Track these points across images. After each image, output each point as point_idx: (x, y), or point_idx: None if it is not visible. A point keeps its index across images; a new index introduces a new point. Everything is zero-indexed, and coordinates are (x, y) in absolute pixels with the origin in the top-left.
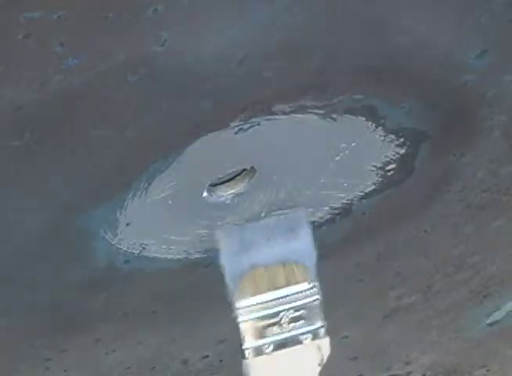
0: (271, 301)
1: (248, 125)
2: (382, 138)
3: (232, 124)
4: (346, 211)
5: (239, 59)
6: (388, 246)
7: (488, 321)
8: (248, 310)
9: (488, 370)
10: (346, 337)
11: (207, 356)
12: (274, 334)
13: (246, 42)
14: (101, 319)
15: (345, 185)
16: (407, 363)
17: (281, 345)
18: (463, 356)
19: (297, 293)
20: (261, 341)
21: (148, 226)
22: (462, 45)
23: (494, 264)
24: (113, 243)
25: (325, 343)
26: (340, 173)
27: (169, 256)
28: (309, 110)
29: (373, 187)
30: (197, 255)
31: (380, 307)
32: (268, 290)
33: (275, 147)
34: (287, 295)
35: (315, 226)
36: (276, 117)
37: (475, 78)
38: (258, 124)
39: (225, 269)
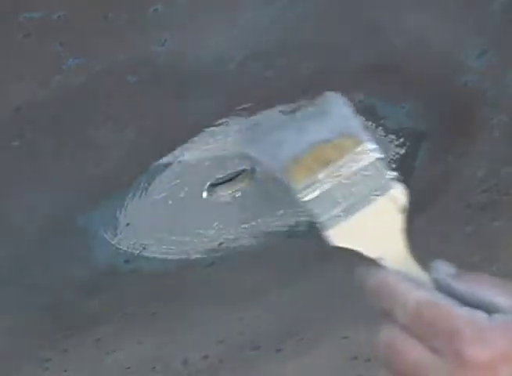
0: (329, 174)
1: (248, 125)
2: (382, 138)
3: (232, 124)
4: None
5: (239, 59)
6: None
7: None
8: (313, 188)
9: None
10: (346, 337)
11: (207, 356)
12: (345, 199)
13: (247, 42)
14: (101, 319)
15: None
16: None
17: (354, 208)
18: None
19: (353, 158)
20: (334, 211)
21: (148, 226)
22: (462, 45)
23: (494, 264)
24: (113, 243)
25: (397, 191)
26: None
27: (169, 256)
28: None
29: None
30: (197, 255)
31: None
32: (324, 167)
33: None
34: (344, 164)
35: (316, 226)
36: (276, 117)
37: (475, 78)
38: (258, 124)
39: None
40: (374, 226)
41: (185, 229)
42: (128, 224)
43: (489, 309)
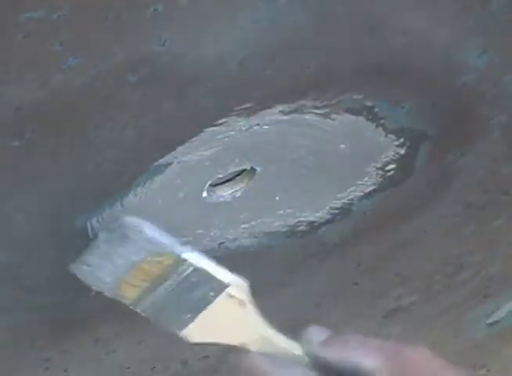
0: (157, 286)
1: (248, 125)
2: (382, 138)
3: (232, 124)
4: (346, 211)
5: (240, 59)
6: (388, 246)
7: (488, 321)
8: (147, 300)
9: (488, 370)
10: None
11: (207, 356)
12: (184, 304)
13: (247, 42)
14: (101, 319)
15: (345, 185)
16: None
17: (198, 309)
18: (463, 356)
19: (172, 270)
20: (179, 315)
21: None
22: (462, 45)
23: (494, 264)
24: None
25: (233, 289)
26: (340, 173)
27: None
28: (309, 110)
29: (374, 187)
30: None
31: (380, 307)
32: (148, 282)
33: (275, 147)
34: (167, 276)
35: (315, 226)
36: (276, 117)
37: (475, 78)
38: (258, 124)
39: None
40: (224, 320)
41: (185, 229)
42: None
43: (361, 373)
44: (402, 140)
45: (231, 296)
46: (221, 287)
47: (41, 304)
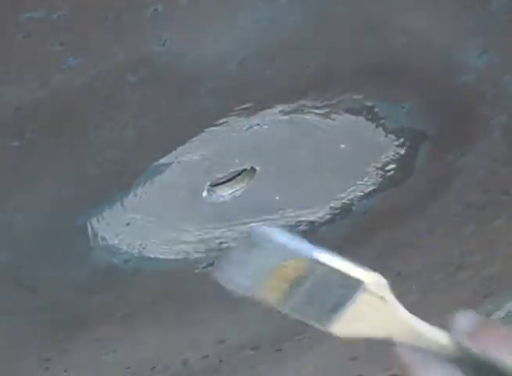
0: (298, 288)
1: (248, 125)
2: (382, 138)
3: (232, 125)
4: (346, 211)
5: (240, 59)
6: (388, 246)
7: None
8: (292, 300)
9: None
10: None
11: (207, 356)
12: (326, 303)
13: (247, 42)
14: (101, 319)
15: (345, 185)
16: None
17: (339, 307)
18: None
19: (309, 272)
20: (322, 312)
21: (148, 226)
22: (462, 45)
23: (494, 264)
24: (113, 243)
25: (370, 286)
26: (340, 173)
27: (169, 256)
28: (309, 110)
29: (374, 187)
30: (197, 255)
31: None
32: (289, 284)
33: (275, 147)
34: (306, 277)
35: (315, 226)
36: (276, 117)
37: (475, 78)
38: (258, 124)
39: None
40: (367, 315)
41: (185, 228)
42: (128, 224)
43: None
44: (402, 140)
45: (369, 293)
46: (357, 284)
47: (41, 304)
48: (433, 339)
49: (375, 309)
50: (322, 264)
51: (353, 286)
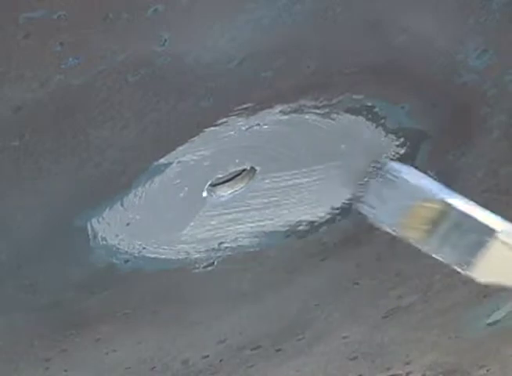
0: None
1: (248, 125)
2: (382, 138)
3: (232, 124)
4: (346, 211)
5: (239, 59)
6: (388, 246)
7: (488, 321)
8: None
9: (488, 370)
10: (346, 337)
11: (207, 356)
12: (462, 247)
13: (246, 42)
14: (101, 319)
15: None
16: (407, 363)
17: (475, 253)
18: (463, 356)
19: (444, 217)
20: (462, 256)
21: (148, 226)
22: (462, 45)
23: None
24: (113, 243)
25: (503, 235)
26: (340, 173)
27: (169, 256)
28: (309, 110)
29: None
30: (197, 255)
31: (380, 307)
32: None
33: (275, 147)
34: (442, 223)
35: (315, 226)
36: (276, 117)
37: (475, 78)
38: (258, 124)
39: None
40: (502, 263)
41: (185, 228)
42: (128, 224)
43: None
44: (402, 140)
45: (503, 242)
46: (491, 233)
47: (41, 304)
48: None
49: (507, 258)
50: (457, 209)
51: (486, 234)
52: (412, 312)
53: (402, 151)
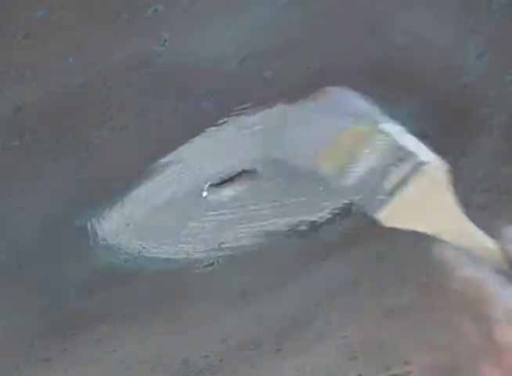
0: (359, 160)
1: (248, 125)
2: None
3: (232, 124)
4: (346, 211)
5: (240, 59)
6: (388, 246)
7: None
8: (349, 175)
9: None
10: (346, 337)
11: (207, 356)
12: (383, 182)
13: (246, 42)
14: (101, 319)
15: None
16: (407, 363)
17: (396, 190)
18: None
19: (375, 144)
20: (376, 194)
21: (148, 226)
22: (462, 45)
23: None
24: (113, 243)
25: (432, 167)
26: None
27: (169, 256)
28: (309, 110)
29: None
30: (197, 255)
31: (380, 307)
32: (351, 154)
33: (275, 147)
34: (370, 150)
35: (316, 226)
36: (276, 116)
37: (475, 79)
38: (258, 124)
39: None
40: (420, 203)
41: (185, 229)
42: (128, 224)
43: None
44: None
45: (427, 174)
46: (418, 164)
47: (41, 304)
48: (481, 242)
49: (429, 198)
50: (387, 136)
51: (412, 166)
52: (412, 312)
53: None
